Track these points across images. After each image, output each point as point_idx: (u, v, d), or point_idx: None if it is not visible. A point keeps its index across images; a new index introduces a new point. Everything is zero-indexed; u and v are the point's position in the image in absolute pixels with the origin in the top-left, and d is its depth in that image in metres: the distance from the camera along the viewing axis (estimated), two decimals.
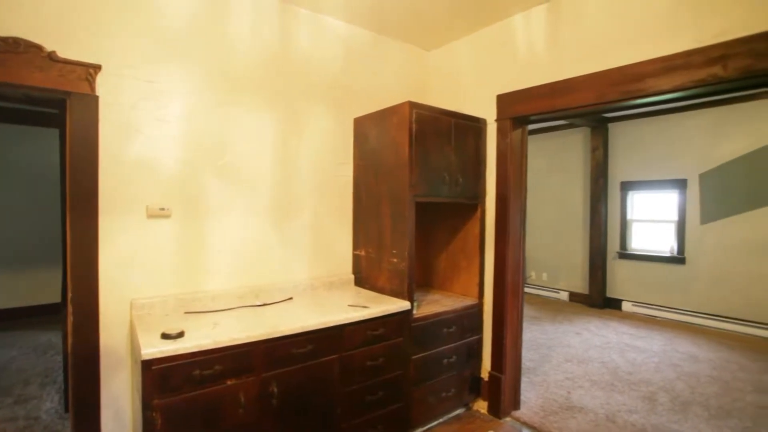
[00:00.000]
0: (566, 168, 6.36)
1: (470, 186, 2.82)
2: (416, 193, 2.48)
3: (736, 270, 4.79)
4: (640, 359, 3.91)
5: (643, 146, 5.57)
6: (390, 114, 2.58)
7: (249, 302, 2.37)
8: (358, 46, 2.97)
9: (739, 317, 4.74)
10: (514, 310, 2.86)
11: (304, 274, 2.72)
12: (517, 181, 2.82)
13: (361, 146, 2.85)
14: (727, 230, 4.86)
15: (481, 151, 2.90)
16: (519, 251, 2.86)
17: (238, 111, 2.41)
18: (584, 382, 3.40)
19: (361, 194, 2.85)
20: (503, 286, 2.81)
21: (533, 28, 2.66)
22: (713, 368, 3.72)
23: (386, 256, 2.62)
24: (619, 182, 5.81)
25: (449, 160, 2.67)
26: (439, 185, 2.61)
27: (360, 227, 2.87)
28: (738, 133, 4.76)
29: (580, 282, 6.17)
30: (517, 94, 2.72)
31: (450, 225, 3.12)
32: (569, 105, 2.44)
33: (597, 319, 5.29)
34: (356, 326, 2.21)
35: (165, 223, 2.15)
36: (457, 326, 2.74)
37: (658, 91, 2.09)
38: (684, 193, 5.21)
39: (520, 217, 2.84)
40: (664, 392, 3.23)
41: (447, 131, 2.66)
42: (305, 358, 2.01)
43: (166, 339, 1.65)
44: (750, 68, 1.82)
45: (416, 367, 2.50)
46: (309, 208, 2.73)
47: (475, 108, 2.97)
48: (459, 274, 3.06)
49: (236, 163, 2.40)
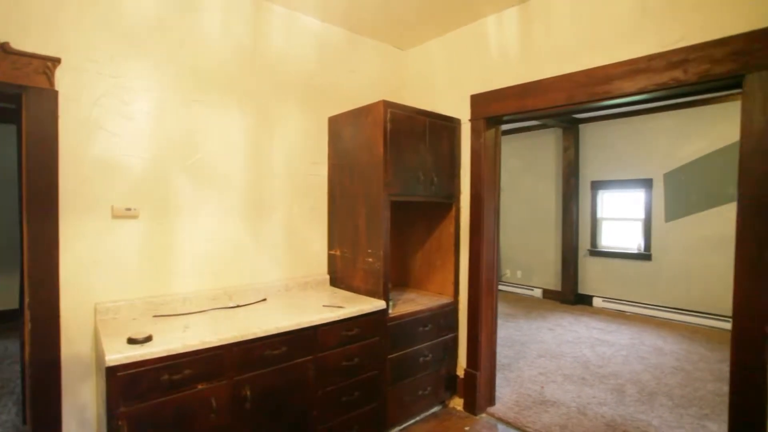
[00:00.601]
0: (539, 168, 6.51)
1: (445, 185, 2.84)
2: (391, 193, 2.48)
3: (696, 265, 5.01)
4: (609, 353, 4.04)
5: (612, 147, 5.75)
6: (365, 113, 2.57)
7: (222, 304, 2.32)
8: (333, 45, 2.95)
9: (699, 310, 4.96)
10: (489, 307, 2.90)
11: (279, 274, 2.68)
12: (491, 180, 2.86)
13: (336, 145, 2.83)
14: (688, 227, 5.08)
15: (455, 151, 2.93)
16: (493, 249, 2.90)
17: (208, 109, 2.35)
18: (557, 376, 3.49)
19: (336, 194, 2.83)
20: (478, 284, 2.84)
21: (505, 30, 2.71)
22: (677, 359, 3.88)
23: (361, 255, 2.60)
24: (590, 181, 5.98)
25: (424, 160, 2.68)
26: (414, 184, 2.62)
27: (335, 227, 2.85)
28: (698, 135, 4.98)
29: (553, 279, 6.32)
30: (491, 95, 2.76)
31: (425, 224, 3.13)
32: (540, 105, 2.50)
33: (569, 315, 5.43)
34: (331, 327, 2.19)
35: (132, 223, 2.07)
36: (432, 325, 2.75)
37: (623, 93, 2.16)
38: (650, 192, 5.41)
39: (494, 215, 2.88)
40: (631, 384, 3.34)
41: (422, 131, 2.67)
42: (279, 360, 1.98)
43: (133, 344, 1.59)
44: (707, 72, 1.91)
45: (392, 366, 2.50)
46: (283, 208, 2.69)
47: (449, 108, 2.99)
48: (434, 273, 3.08)
49: (207, 162, 2.34)
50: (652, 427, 2.71)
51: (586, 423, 2.75)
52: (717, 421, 2.79)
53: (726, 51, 1.85)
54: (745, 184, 1.81)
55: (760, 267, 1.75)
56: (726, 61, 1.85)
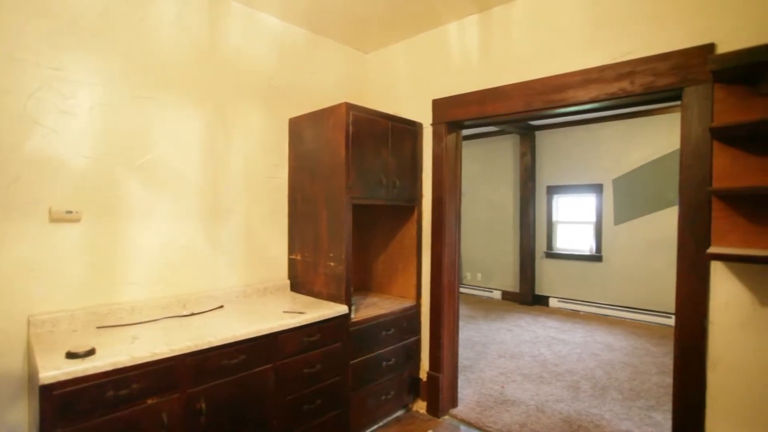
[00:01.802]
0: (497, 173, 6.70)
1: (407, 188, 2.85)
2: (353, 196, 2.45)
3: (642, 266, 5.32)
4: (565, 351, 4.20)
5: (566, 153, 6.02)
6: (326, 115, 2.53)
7: (175, 312, 2.19)
8: (294, 45, 2.89)
9: (645, 308, 5.27)
10: (451, 310, 2.93)
11: (236, 280, 2.58)
12: (452, 184, 2.90)
13: (297, 147, 2.77)
14: (635, 230, 5.39)
15: (417, 155, 2.95)
16: (455, 252, 2.94)
17: (161, 106, 2.23)
18: (516, 376, 3.57)
19: (297, 197, 2.77)
20: (440, 287, 2.86)
21: (466, 37, 2.76)
22: (625, 355, 4.09)
23: (323, 259, 2.56)
24: (546, 186, 6.22)
25: (386, 163, 2.68)
26: (376, 187, 2.60)
27: (295, 231, 2.78)
28: (642, 143, 5.31)
29: (512, 281, 6.50)
30: (452, 100, 2.80)
31: (387, 227, 3.13)
32: (500, 111, 2.56)
33: (527, 316, 5.60)
34: (291, 333, 2.12)
35: (73, 227, 1.92)
36: (395, 328, 2.75)
37: (578, 102, 2.25)
38: (600, 196, 5.70)
39: (456, 219, 2.92)
40: (585, 380, 3.48)
41: (384, 134, 2.67)
42: (237, 370, 1.90)
43: (73, 358, 1.46)
44: (652, 85, 2.03)
45: (355, 371, 2.46)
46: (241, 212, 2.60)
47: (411, 112, 3.01)
48: (397, 277, 3.08)
49: (159, 162, 2.22)
50: (605, 420, 2.83)
51: (544, 420, 2.83)
52: (661, 411, 2.96)
53: (668, 65, 1.97)
54: (685, 189, 1.93)
55: (699, 266, 1.87)
56: (668, 75, 1.98)
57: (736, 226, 1.79)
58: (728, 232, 1.81)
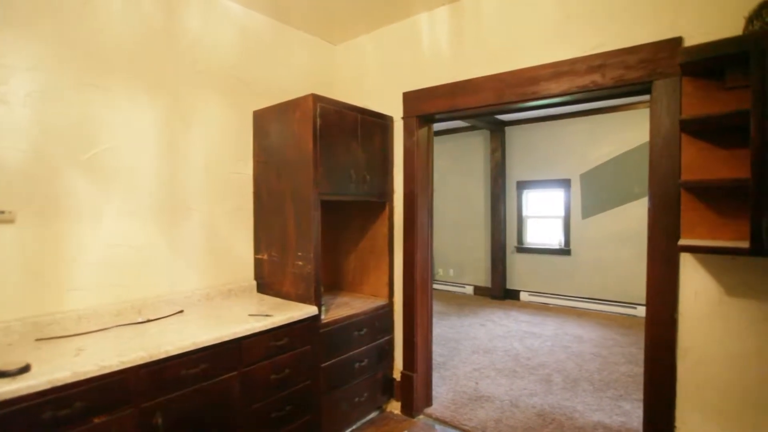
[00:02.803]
0: (469, 168, 6.72)
1: (378, 184, 2.77)
2: (321, 192, 2.34)
3: (609, 258, 5.46)
4: (537, 344, 4.24)
5: (535, 149, 6.09)
6: (292, 107, 2.41)
7: (128, 320, 2.03)
8: (258, 34, 2.74)
9: (612, 299, 5.41)
10: (424, 307, 2.88)
11: (198, 283, 2.42)
12: (424, 179, 2.83)
13: (262, 142, 2.63)
14: (602, 224, 5.52)
15: (388, 149, 2.87)
16: (427, 249, 2.88)
17: (110, 95, 2.04)
18: (490, 371, 3.57)
19: (263, 193, 2.63)
20: (412, 284, 2.80)
21: (437, 28, 2.69)
22: (595, 346, 4.17)
23: (291, 259, 2.44)
24: (516, 181, 6.28)
25: (356, 157, 2.58)
26: (345, 183, 2.51)
27: (262, 229, 2.65)
28: (608, 139, 5.43)
29: (483, 276, 6.55)
30: (423, 93, 2.73)
31: (359, 224, 3.04)
32: (471, 104, 2.51)
33: (499, 310, 5.65)
34: (258, 338, 2.00)
35: (6, 229, 1.73)
36: (368, 328, 2.66)
37: (549, 94, 2.23)
38: (569, 191, 5.80)
39: (428, 214, 2.86)
40: (557, 373, 3.52)
41: (353, 127, 2.57)
42: (198, 380, 1.77)
43: (1, 378, 1.30)
44: (622, 78, 2.02)
45: (326, 375, 2.36)
46: (202, 210, 2.44)
47: (382, 105, 2.92)
48: (368, 275, 2.99)
49: (108, 157, 2.04)
50: (577, 412, 2.85)
51: (518, 415, 2.82)
52: (629, 400, 3.02)
53: (637, 58, 1.97)
54: (655, 182, 1.93)
55: (670, 258, 1.88)
56: (637, 68, 1.97)
57: (703, 219, 1.81)
58: (696, 225, 1.82)
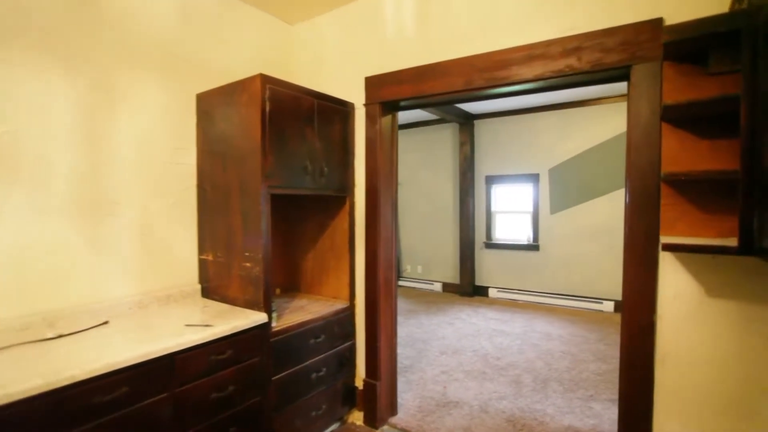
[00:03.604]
0: (437, 162, 6.56)
1: (337, 177, 2.53)
2: (272, 185, 2.08)
3: (575, 254, 5.44)
4: (506, 343, 4.13)
5: (504, 143, 6.00)
6: (239, 90, 2.13)
7: (36, 336, 1.71)
8: (203, 7, 2.43)
9: (579, 294, 5.40)
10: (388, 309, 2.67)
11: (130, 289, 2.11)
12: (388, 171, 2.62)
13: (206, 128, 2.34)
14: (569, 219, 5.49)
15: (349, 139, 2.63)
16: (391, 246, 2.67)
17: (12, 69, 1.71)
18: (459, 373, 3.42)
19: (207, 186, 2.34)
20: (375, 285, 2.59)
21: (403, 7, 2.47)
22: (563, 343, 4.11)
23: (238, 260, 2.17)
24: (484, 176, 6.18)
25: (312, 147, 2.33)
26: (300, 175, 2.25)
27: (206, 226, 2.36)
28: (577, 133, 5.39)
29: (452, 272, 6.43)
30: (386, 77, 2.51)
31: (317, 221, 2.79)
32: (438, 90, 2.31)
33: (468, 308, 5.54)
34: (195, 352, 1.74)
35: None
36: (326, 335, 2.43)
37: (522, 80, 2.05)
38: (537, 186, 5.74)
39: (392, 209, 2.65)
40: (527, 373, 3.40)
41: (309, 113, 2.32)
42: (117, 407, 1.49)
43: None
44: (599, 62, 1.87)
45: (278, 389, 2.12)
46: (135, 204, 2.13)
47: (342, 91, 2.68)
48: (328, 275, 2.76)
49: (9, 142, 1.71)
50: (548, 416, 2.74)
51: (488, 421, 2.67)
52: (600, 401, 2.93)
53: (616, 41, 1.82)
54: (634, 176, 1.79)
55: (649, 257, 1.75)
56: (616, 51, 1.82)
57: (683, 214, 1.68)
58: (676, 221, 1.69)
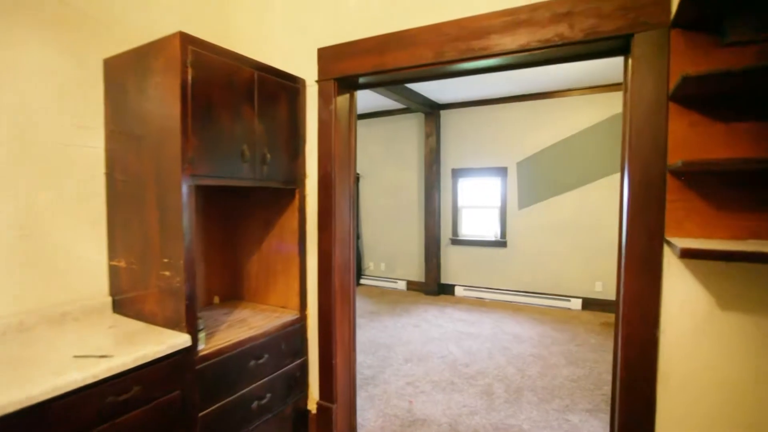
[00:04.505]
0: (401, 154, 6.24)
1: (284, 165, 2.12)
2: (196, 173, 1.66)
3: (543, 250, 5.29)
4: (474, 347, 3.87)
5: (472, 134, 5.74)
6: (153, 52, 1.68)
7: None
8: None
9: (547, 292, 5.25)
10: (345, 320, 2.31)
11: (4, 307, 1.63)
12: (345, 159, 2.24)
13: (117, 102, 1.87)
14: (538, 214, 5.32)
15: (299, 121, 2.23)
16: (349, 246, 2.31)
17: None
18: (425, 384, 3.11)
19: (118, 175, 1.87)
20: (330, 291, 2.22)
21: None
22: (534, 346, 3.90)
23: (155, 267, 1.73)
24: (451, 169, 5.91)
25: (251, 129, 1.91)
26: (235, 163, 1.83)
27: (117, 225, 1.89)
28: (545, 126, 5.21)
29: (417, 270, 6.15)
30: (343, 48, 2.12)
31: (262, 217, 2.38)
32: (403, 63, 1.95)
33: (433, 307, 5.26)
34: (82, 395, 1.30)
35: None
36: (271, 353, 2.04)
37: (503, 50, 1.73)
38: (505, 180, 5.53)
39: (350, 204, 2.28)
40: (498, 382, 3.15)
41: (248, 88, 1.90)
42: None
43: None
44: (595, 29, 1.57)
45: (206, 428, 1.71)
46: (10, 198, 1.64)
47: (291, 64, 2.27)
48: (276, 281, 2.35)
49: None
50: None
51: None
52: (576, 412, 2.72)
53: (614, 4, 1.53)
54: (634, 166, 1.51)
55: (652, 263, 1.48)
56: (614, 17, 1.53)
57: (692, 212, 1.42)
58: (684, 219, 1.43)
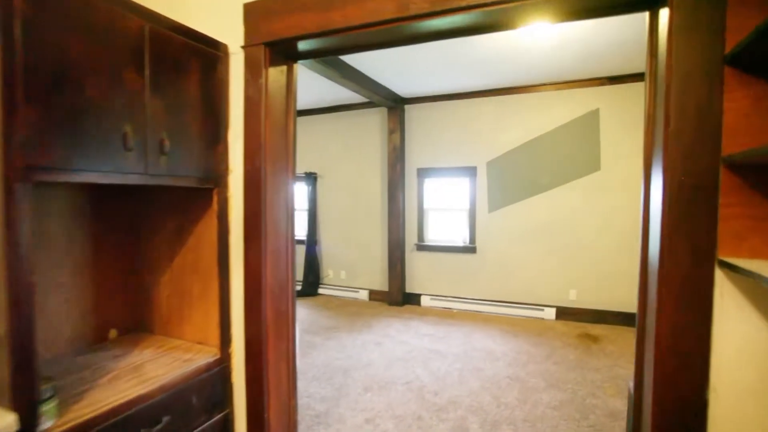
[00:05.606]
0: (362, 152, 5.75)
1: (195, 157, 1.57)
2: (34, 165, 1.09)
3: (514, 256, 4.94)
4: (444, 369, 3.42)
5: (439, 131, 5.33)
6: None
7: None
8: None
9: (519, 301, 4.91)
10: (282, 358, 1.79)
11: None
12: (281, 151, 1.72)
13: None
14: (508, 218, 4.97)
15: (218, 99, 1.68)
16: (286, 262, 1.79)
17: None
18: (388, 421, 2.62)
19: None
20: (260, 321, 1.69)
21: None
22: (509, 365, 3.50)
23: None
24: (416, 169, 5.48)
25: (140, 103, 1.36)
26: (111, 150, 1.27)
27: None
28: (517, 123, 4.87)
29: (380, 278, 5.67)
30: (277, 3, 1.60)
31: (173, 226, 1.81)
32: (357, 21, 1.46)
33: (397, 321, 4.79)
34: None
35: None
36: (176, 414, 1.48)
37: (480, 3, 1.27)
38: (474, 180, 5.16)
39: (287, 206, 1.76)
40: (473, 414, 2.70)
41: (135, 46, 1.34)
42: None
43: None
44: None
45: None
46: None
47: (212, 26, 1.72)
48: (191, 308, 1.79)
49: None
50: None
51: None
52: None
53: None
54: (673, 156, 1.09)
55: (697, 293, 1.06)
56: None
57: (759, 221, 1.01)
58: (747, 232, 1.01)
